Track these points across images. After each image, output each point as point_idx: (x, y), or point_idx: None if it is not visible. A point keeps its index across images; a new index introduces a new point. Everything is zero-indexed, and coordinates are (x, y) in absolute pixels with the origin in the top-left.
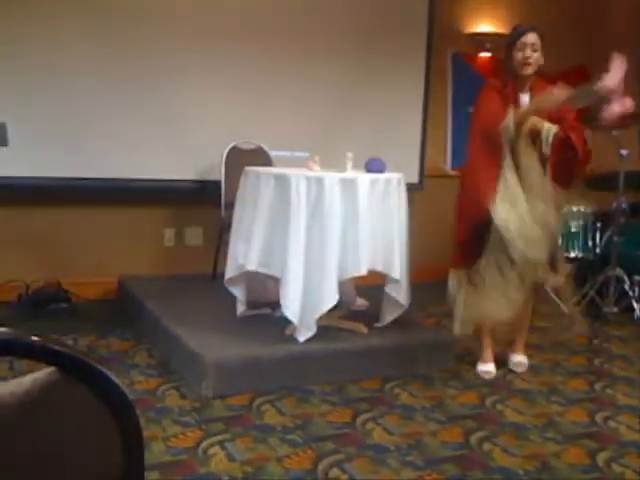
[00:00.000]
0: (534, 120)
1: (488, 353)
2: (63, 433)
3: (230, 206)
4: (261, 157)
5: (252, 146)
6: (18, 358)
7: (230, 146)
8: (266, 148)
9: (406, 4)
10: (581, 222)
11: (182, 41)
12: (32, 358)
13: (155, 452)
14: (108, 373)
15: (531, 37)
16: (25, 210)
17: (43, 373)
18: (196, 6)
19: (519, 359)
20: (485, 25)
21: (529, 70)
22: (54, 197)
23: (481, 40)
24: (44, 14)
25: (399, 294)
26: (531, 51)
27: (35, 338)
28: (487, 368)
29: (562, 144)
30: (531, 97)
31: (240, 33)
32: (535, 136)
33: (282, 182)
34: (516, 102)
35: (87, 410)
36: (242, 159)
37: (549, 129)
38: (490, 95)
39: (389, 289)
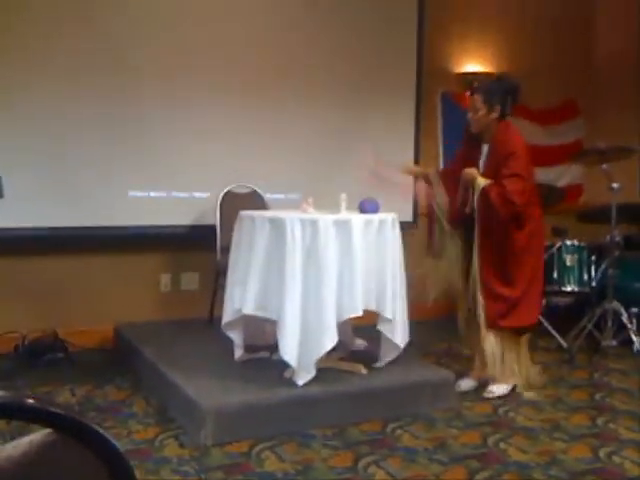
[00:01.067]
0: (475, 174)
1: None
2: None
3: (226, 250)
4: (255, 200)
5: (246, 190)
6: (15, 420)
7: (225, 190)
8: (260, 192)
9: (395, 46)
10: (576, 256)
11: (178, 90)
12: (28, 420)
13: None
14: (104, 433)
15: (470, 100)
16: (20, 260)
17: (40, 434)
18: (191, 57)
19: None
20: (473, 65)
21: (474, 129)
22: (49, 247)
23: (469, 79)
24: (41, 63)
25: (394, 335)
26: (472, 112)
27: (31, 400)
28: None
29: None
30: (490, 147)
31: (233, 81)
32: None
33: (277, 225)
34: (480, 152)
35: (84, 470)
36: (237, 203)
37: (479, 183)
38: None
39: (383, 329)
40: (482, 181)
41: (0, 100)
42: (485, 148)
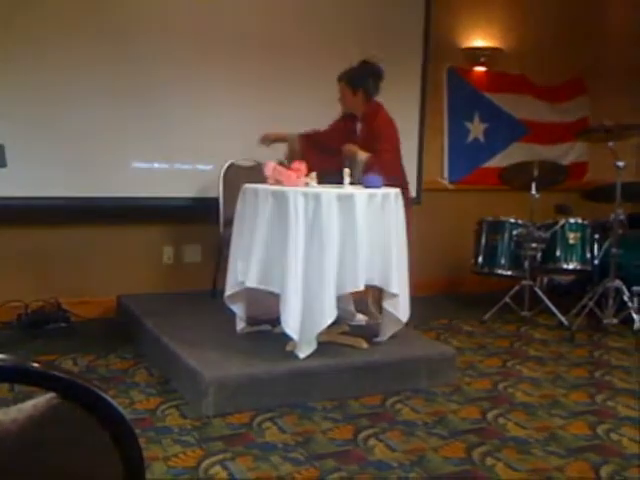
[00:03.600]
0: (355, 148)
1: None
2: (64, 457)
3: (229, 223)
4: (259, 173)
5: (250, 163)
6: (18, 384)
7: (228, 163)
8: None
9: (402, 20)
10: (579, 234)
11: (181, 56)
12: (32, 384)
13: (156, 472)
14: (108, 398)
15: (338, 86)
16: (23, 230)
17: (43, 399)
18: (197, 29)
19: None
20: (480, 40)
21: (344, 111)
22: (53, 217)
23: (476, 54)
24: (48, 33)
25: (397, 309)
26: (340, 97)
27: (35, 365)
28: None
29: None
30: (362, 125)
31: (238, 54)
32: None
33: (280, 198)
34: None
35: (87, 434)
36: (240, 176)
37: (360, 156)
38: None
39: (387, 304)
40: (363, 155)
41: (6, 69)
42: (359, 125)
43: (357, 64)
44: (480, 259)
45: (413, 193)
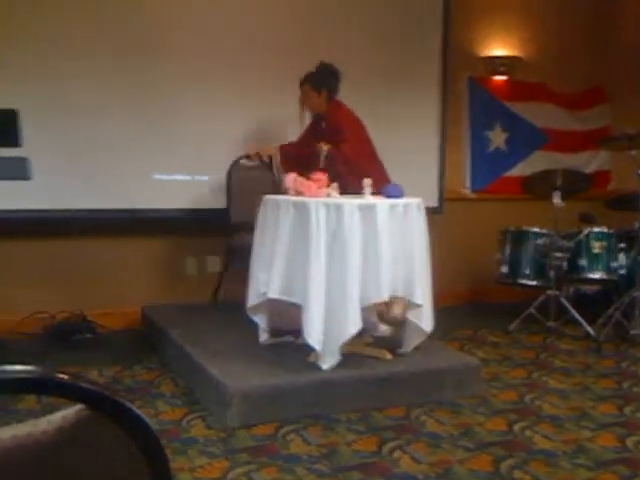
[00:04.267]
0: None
1: None
2: (94, 469)
3: (237, 230)
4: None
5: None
6: (46, 396)
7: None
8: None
9: (421, 29)
10: (604, 243)
11: (202, 75)
12: (60, 396)
13: None
14: (135, 409)
15: (301, 90)
16: (49, 242)
17: (72, 410)
18: (195, 34)
19: None
20: (499, 49)
21: (311, 112)
22: (77, 229)
23: (495, 63)
24: (56, 44)
25: (421, 320)
26: (305, 100)
27: (63, 376)
28: None
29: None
30: (325, 123)
31: (256, 66)
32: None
33: (301, 209)
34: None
35: (115, 446)
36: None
37: (323, 148)
38: None
39: (411, 315)
40: (324, 147)
41: (31, 82)
42: (323, 124)
43: (317, 67)
44: (504, 269)
45: (435, 203)
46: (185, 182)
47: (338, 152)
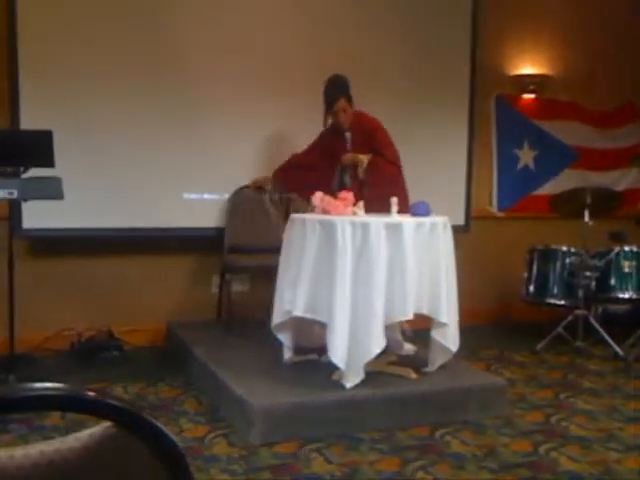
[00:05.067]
0: (354, 155)
1: None
2: None
3: (232, 251)
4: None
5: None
6: (72, 412)
7: (235, 189)
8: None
9: (449, 48)
10: (634, 262)
11: (231, 94)
12: (88, 413)
13: None
14: (162, 427)
15: (339, 105)
16: (76, 260)
17: (100, 427)
18: (227, 56)
19: None
20: (528, 67)
21: (346, 125)
22: (105, 247)
23: (524, 82)
24: (87, 64)
25: (446, 339)
26: (343, 114)
27: (90, 393)
28: None
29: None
30: (353, 133)
31: (282, 82)
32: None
33: (328, 227)
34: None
35: (142, 463)
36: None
37: (362, 158)
38: None
39: (435, 333)
40: (365, 156)
41: (61, 104)
42: (348, 135)
43: (335, 79)
44: (531, 288)
45: (461, 221)
46: (213, 201)
47: (380, 158)
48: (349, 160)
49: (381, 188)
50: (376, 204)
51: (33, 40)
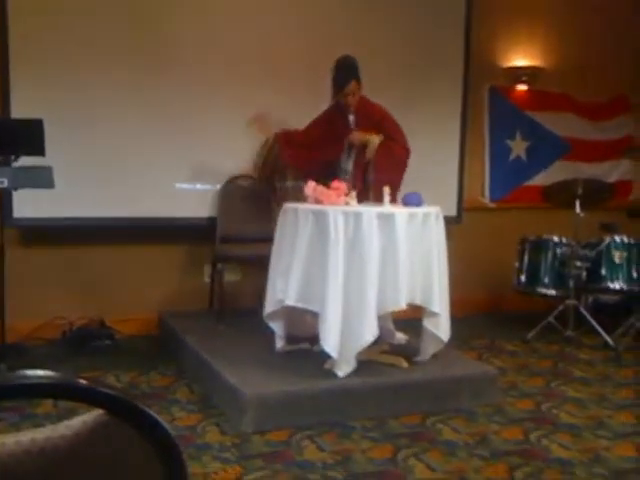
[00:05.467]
0: (365, 134)
1: None
2: (111, 474)
3: (224, 240)
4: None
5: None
6: (65, 400)
7: (226, 180)
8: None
9: (442, 40)
10: (625, 253)
11: (224, 86)
12: (80, 401)
13: None
14: (154, 414)
15: (351, 87)
16: (68, 249)
17: (92, 415)
18: (217, 48)
19: None
20: (521, 59)
21: (354, 107)
22: (96, 236)
23: (517, 74)
24: (77, 58)
25: (438, 328)
26: (353, 96)
27: (82, 381)
28: None
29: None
30: (357, 115)
31: (272, 75)
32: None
33: (320, 217)
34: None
35: (134, 451)
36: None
37: (373, 139)
38: None
39: (427, 323)
40: (376, 137)
41: (52, 94)
42: (352, 118)
43: (345, 60)
44: (523, 278)
45: (454, 212)
46: (205, 191)
47: (392, 142)
48: (358, 139)
49: (386, 173)
50: (379, 188)
51: (24, 31)
